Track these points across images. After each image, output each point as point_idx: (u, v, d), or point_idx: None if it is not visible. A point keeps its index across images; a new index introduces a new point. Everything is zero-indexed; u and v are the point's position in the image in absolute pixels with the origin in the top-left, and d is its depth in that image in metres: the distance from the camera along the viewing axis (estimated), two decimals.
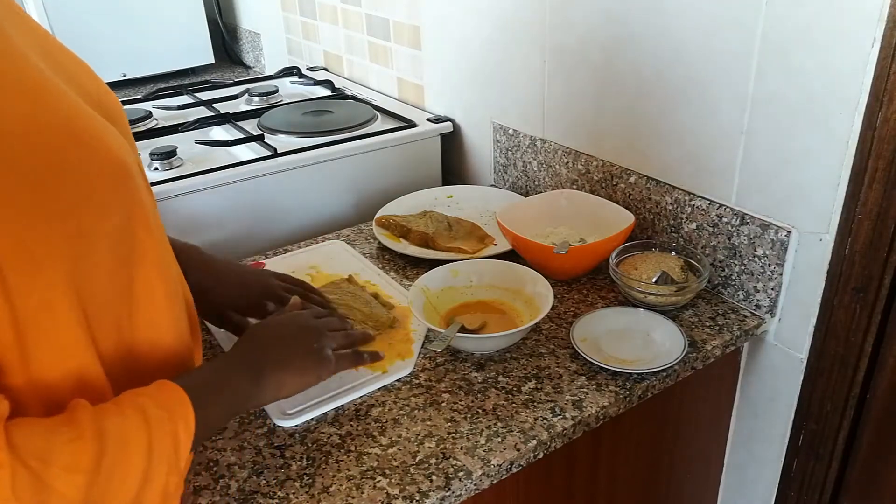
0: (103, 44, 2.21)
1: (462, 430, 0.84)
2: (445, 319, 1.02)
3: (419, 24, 1.58)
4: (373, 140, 1.48)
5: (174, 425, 0.58)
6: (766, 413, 1.10)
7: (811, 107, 0.89)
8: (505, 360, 0.96)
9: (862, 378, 0.95)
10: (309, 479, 0.78)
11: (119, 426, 0.55)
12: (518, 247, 1.15)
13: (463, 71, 1.50)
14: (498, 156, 1.48)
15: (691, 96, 1.04)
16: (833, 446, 1.01)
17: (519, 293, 1.04)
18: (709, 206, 1.06)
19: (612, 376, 0.92)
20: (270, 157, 1.39)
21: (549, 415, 0.86)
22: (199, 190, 1.30)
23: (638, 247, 1.12)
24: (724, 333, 1.01)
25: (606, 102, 1.18)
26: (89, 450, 0.52)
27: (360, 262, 1.22)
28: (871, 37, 0.81)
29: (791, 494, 1.10)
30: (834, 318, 0.95)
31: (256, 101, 1.79)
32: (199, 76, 2.44)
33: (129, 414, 0.56)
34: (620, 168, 1.19)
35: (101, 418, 0.54)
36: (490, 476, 0.79)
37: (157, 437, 0.56)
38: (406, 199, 1.40)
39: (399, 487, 0.77)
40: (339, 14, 1.90)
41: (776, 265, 0.99)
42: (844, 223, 0.90)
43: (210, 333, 1.04)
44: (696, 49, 1.01)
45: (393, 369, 0.94)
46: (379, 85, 1.84)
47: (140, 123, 1.62)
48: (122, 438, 0.54)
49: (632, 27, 1.09)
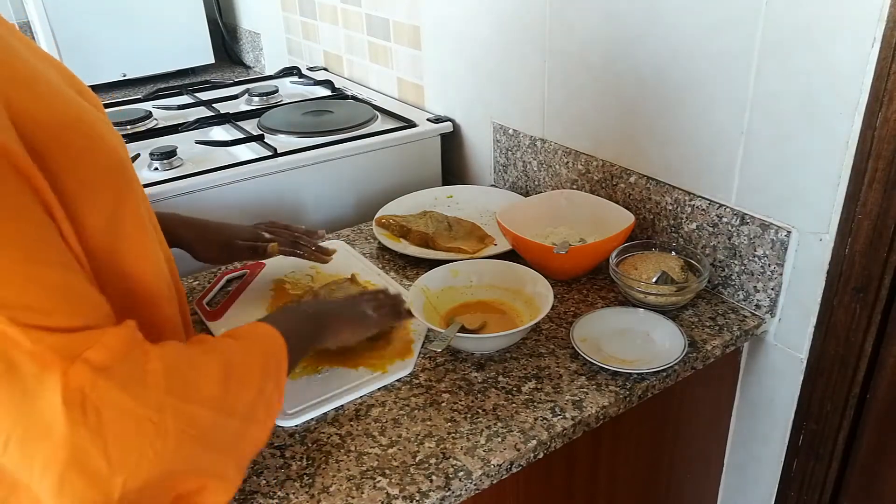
0: (103, 44, 2.21)
1: (462, 430, 0.84)
2: (445, 319, 1.02)
3: (419, 24, 1.58)
4: (373, 140, 1.48)
5: (277, 349, 0.71)
6: (767, 413, 1.09)
7: (811, 107, 0.89)
8: (505, 360, 0.96)
9: (862, 378, 0.95)
10: (309, 479, 0.78)
11: (238, 346, 0.67)
12: (518, 247, 1.15)
13: (463, 71, 1.50)
14: (498, 156, 1.48)
15: (691, 96, 1.04)
16: (833, 446, 1.01)
17: (519, 293, 1.04)
18: (709, 206, 1.06)
19: (612, 376, 0.92)
20: (270, 157, 1.39)
21: (549, 415, 0.86)
22: (199, 190, 1.30)
23: (638, 247, 1.12)
24: (724, 333, 1.01)
25: (606, 102, 1.18)
26: (218, 360, 0.63)
27: (360, 262, 1.22)
28: (871, 37, 0.81)
29: (791, 494, 1.10)
30: (834, 318, 0.95)
31: (256, 101, 1.80)
32: (199, 76, 2.44)
33: (242, 339, 0.69)
34: (620, 168, 1.19)
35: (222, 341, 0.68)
36: (490, 476, 0.79)
37: (268, 355, 0.69)
38: (406, 199, 1.40)
39: (399, 487, 0.77)
40: (339, 14, 1.90)
41: (776, 265, 0.99)
42: (844, 223, 0.90)
43: (211, 333, 1.04)
44: (696, 49, 1.01)
45: (393, 369, 0.94)
46: (379, 85, 1.84)
47: (140, 123, 1.63)
48: (243, 353, 0.67)
49: (632, 27, 1.09)
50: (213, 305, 1.11)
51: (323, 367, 0.95)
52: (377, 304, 0.95)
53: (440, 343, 0.92)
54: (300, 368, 0.94)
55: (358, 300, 0.96)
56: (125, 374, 0.53)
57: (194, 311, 1.10)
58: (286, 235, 1.12)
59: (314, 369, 0.94)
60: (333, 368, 0.95)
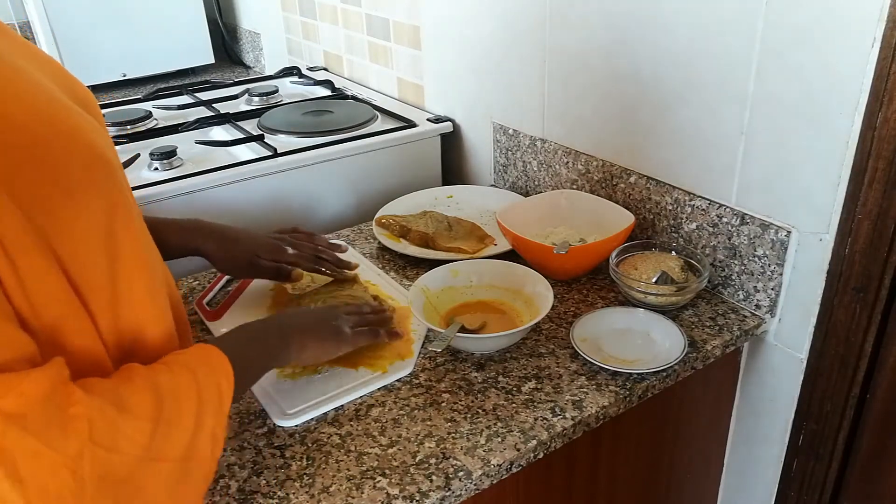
0: (103, 44, 2.21)
1: (462, 430, 0.84)
2: (445, 319, 1.02)
3: (419, 24, 1.58)
4: (373, 140, 1.48)
5: (217, 378, 0.66)
6: (766, 413, 1.10)
7: (811, 107, 0.89)
8: (505, 360, 0.96)
9: (862, 378, 0.95)
10: (309, 479, 0.78)
11: (171, 381, 0.62)
12: (518, 247, 1.15)
13: (463, 71, 1.50)
14: (498, 156, 1.48)
15: (691, 96, 1.04)
16: (833, 446, 1.01)
17: (519, 293, 1.04)
18: (709, 206, 1.06)
19: (612, 376, 0.92)
20: (270, 157, 1.39)
21: (549, 415, 0.86)
22: (199, 190, 1.30)
23: (638, 247, 1.12)
24: (724, 333, 1.01)
25: (607, 102, 1.18)
26: (149, 400, 0.59)
27: (360, 262, 1.22)
28: (871, 37, 0.81)
29: (791, 494, 1.10)
30: (834, 318, 0.95)
31: (256, 101, 1.79)
32: (199, 76, 2.44)
33: (177, 371, 0.63)
34: (620, 168, 1.19)
35: (153, 375, 0.61)
36: (490, 476, 0.79)
37: (204, 388, 0.64)
38: (406, 199, 1.40)
39: (399, 487, 0.77)
40: (339, 14, 1.90)
41: (776, 265, 0.99)
42: (844, 223, 0.90)
43: (210, 333, 1.04)
44: (696, 49, 1.01)
45: (393, 369, 0.94)
46: (379, 85, 1.84)
47: (140, 123, 1.62)
48: (175, 391, 0.61)
49: (632, 27, 1.09)
50: (213, 305, 1.11)
51: (323, 367, 0.95)
52: (357, 321, 0.92)
53: (440, 343, 0.92)
54: (300, 368, 0.94)
55: (337, 314, 0.92)
56: (41, 422, 0.51)
57: (194, 311, 1.10)
58: (309, 249, 1.10)
59: (314, 369, 0.94)
60: (333, 368, 0.95)
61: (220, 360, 0.67)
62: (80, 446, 0.52)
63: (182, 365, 0.64)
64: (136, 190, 1.26)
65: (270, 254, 1.06)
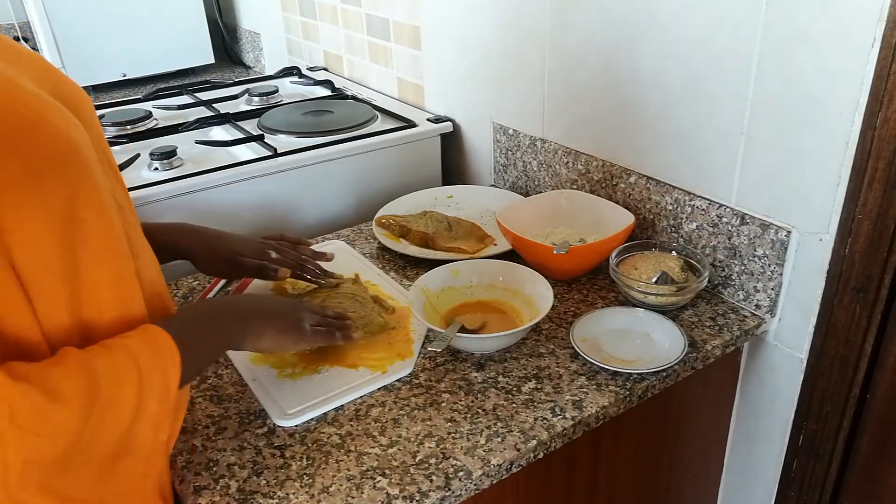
0: (103, 44, 2.21)
1: (462, 430, 0.84)
2: (445, 319, 1.02)
3: (419, 24, 1.58)
4: (373, 140, 1.48)
5: (162, 361, 0.63)
6: (766, 413, 1.10)
7: (811, 107, 0.89)
8: (505, 360, 0.96)
9: (862, 378, 0.95)
10: (309, 479, 0.78)
11: (109, 364, 0.60)
12: (518, 247, 1.15)
13: (463, 71, 1.50)
14: (498, 156, 1.48)
15: (691, 96, 1.04)
16: (833, 446, 1.01)
17: (519, 293, 1.04)
18: (709, 206, 1.06)
19: (612, 376, 0.92)
20: (270, 157, 1.39)
21: (549, 415, 0.86)
22: (199, 190, 1.30)
23: (638, 247, 1.12)
24: (724, 333, 1.01)
25: (606, 102, 1.18)
26: (81, 383, 0.57)
27: (360, 262, 1.22)
28: (871, 37, 0.81)
29: (791, 494, 1.10)
30: (834, 318, 0.95)
31: (256, 101, 1.80)
32: (199, 76, 2.44)
33: (117, 353, 0.61)
34: (620, 168, 1.19)
35: (89, 358, 0.59)
36: (490, 476, 0.79)
37: (146, 371, 0.61)
38: (406, 199, 1.40)
39: (399, 487, 0.77)
40: (339, 14, 1.90)
41: (776, 265, 0.99)
42: (844, 223, 0.90)
43: None
44: (696, 49, 1.01)
45: (393, 369, 0.94)
46: (379, 85, 1.84)
47: (140, 123, 1.62)
48: (113, 374, 0.59)
49: (632, 27, 1.09)
50: None
51: (323, 367, 0.95)
52: (319, 321, 0.90)
53: (440, 343, 0.92)
54: (300, 369, 0.94)
55: (301, 307, 0.91)
56: None
57: None
58: (293, 257, 1.09)
59: (314, 369, 0.94)
60: (333, 368, 0.95)
61: (165, 341, 0.64)
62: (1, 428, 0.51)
63: (122, 347, 0.62)
64: (136, 190, 1.26)
65: (253, 253, 1.05)
